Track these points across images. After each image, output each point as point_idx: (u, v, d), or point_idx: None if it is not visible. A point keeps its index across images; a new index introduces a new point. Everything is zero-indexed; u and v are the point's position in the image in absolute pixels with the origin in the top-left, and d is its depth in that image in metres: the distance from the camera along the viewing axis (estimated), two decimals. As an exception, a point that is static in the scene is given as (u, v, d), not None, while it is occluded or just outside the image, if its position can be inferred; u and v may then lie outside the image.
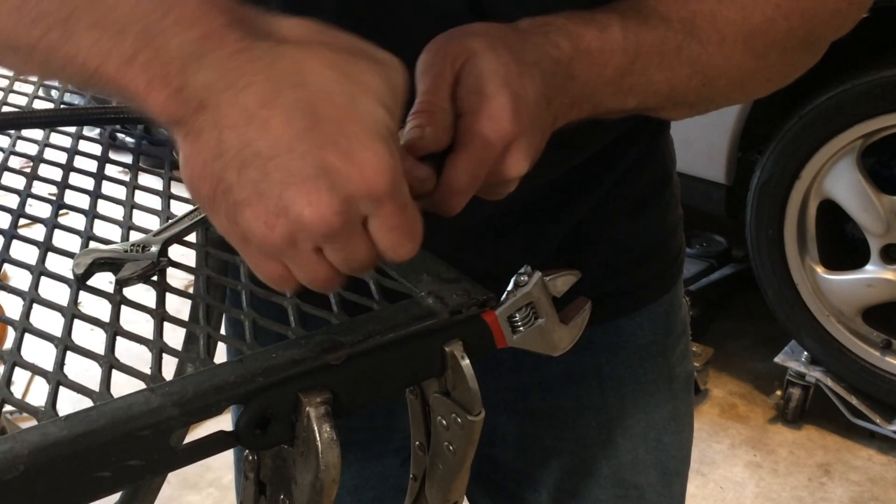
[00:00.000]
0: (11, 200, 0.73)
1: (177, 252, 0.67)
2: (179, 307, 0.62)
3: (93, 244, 0.67)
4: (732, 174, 2.38)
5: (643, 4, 0.64)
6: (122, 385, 0.50)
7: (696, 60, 0.64)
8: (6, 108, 0.90)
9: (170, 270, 0.64)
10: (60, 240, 0.68)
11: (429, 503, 0.61)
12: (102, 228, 0.71)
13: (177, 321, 0.60)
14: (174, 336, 0.58)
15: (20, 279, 0.65)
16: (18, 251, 0.66)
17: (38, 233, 0.69)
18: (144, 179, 0.78)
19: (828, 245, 2.29)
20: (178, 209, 0.72)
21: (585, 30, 0.61)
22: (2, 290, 0.64)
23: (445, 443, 0.57)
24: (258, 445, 0.50)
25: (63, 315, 0.58)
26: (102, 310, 0.60)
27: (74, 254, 0.65)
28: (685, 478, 0.96)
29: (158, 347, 0.55)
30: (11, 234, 0.67)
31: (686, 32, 0.63)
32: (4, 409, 0.50)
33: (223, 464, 2.32)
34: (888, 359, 2.25)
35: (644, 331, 0.88)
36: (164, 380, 0.50)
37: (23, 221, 0.70)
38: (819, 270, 2.29)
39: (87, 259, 0.63)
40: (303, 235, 0.45)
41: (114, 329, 0.57)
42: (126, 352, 0.54)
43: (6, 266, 0.65)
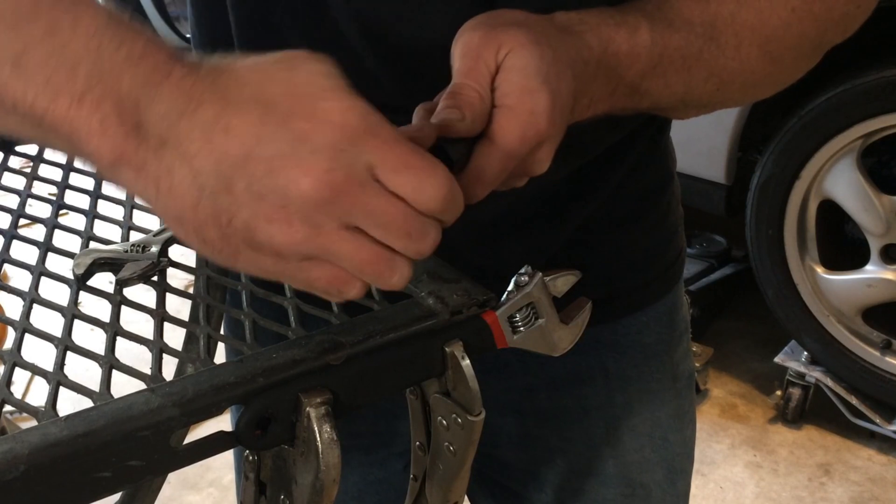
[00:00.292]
0: (11, 200, 0.73)
1: (177, 252, 0.67)
2: (179, 307, 0.62)
3: (93, 244, 0.67)
4: (732, 174, 2.38)
5: (666, 5, 0.64)
6: (122, 385, 0.50)
7: (714, 64, 0.64)
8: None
9: (170, 270, 0.64)
10: (60, 240, 0.68)
11: (429, 503, 0.61)
12: (102, 228, 0.70)
13: (177, 321, 0.60)
14: (174, 336, 0.58)
15: (20, 279, 0.65)
16: (18, 251, 0.66)
17: (38, 233, 0.69)
18: (144, 179, 0.78)
19: (828, 245, 2.29)
20: (178, 209, 0.72)
21: (616, 32, 0.61)
22: (2, 290, 0.64)
23: (445, 443, 0.57)
24: (258, 446, 0.50)
25: (63, 315, 0.58)
26: (102, 310, 0.60)
27: (74, 254, 0.65)
28: (689, 476, 0.96)
29: (158, 347, 0.55)
30: (11, 234, 0.67)
31: (706, 36, 0.64)
32: (4, 409, 0.50)
33: (223, 464, 2.33)
34: (888, 359, 2.25)
35: (649, 330, 0.88)
36: (164, 380, 0.50)
37: (23, 221, 0.70)
38: (819, 270, 2.29)
39: (87, 259, 0.63)
40: (318, 212, 0.44)
41: (114, 329, 0.57)
42: (126, 352, 0.54)
43: (6, 266, 0.65)
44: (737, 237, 2.62)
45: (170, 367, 0.59)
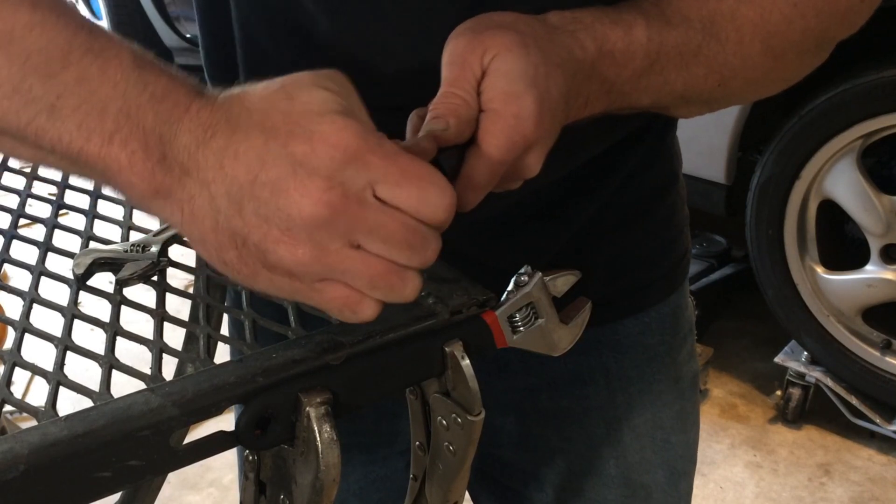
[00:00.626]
0: (11, 200, 0.73)
1: (177, 252, 0.67)
2: (179, 307, 0.62)
3: (93, 244, 0.67)
4: (732, 174, 2.38)
5: (665, 2, 0.64)
6: (122, 385, 0.50)
7: (714, 60, 0.64)
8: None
9: (170, 270, 0.64)
10: (60, 240, 0.68)
11: (429, 503, 0.61)
12: (102, 228, 0.70)
13: (177, 321, 0.60)
14: (174, 336, 0.58)
15: (20, 279, 0.65)
16: (18, 251, 0.66)
17: (38, 233, 0.69)
18: (144, 179, 0.78)
19: (828, 245, 2.29)
20: (178, 209, 0.72)
21: (612, 31, 0.60)
22: (2, 290, 0.64)
23: (445, 443, 0.57)
24: (258, 445, 0.50)
25: (63, 315, 0.58)
26: (102, 310, 0.60)
27: (74, 254, 0.65)
28: (691, 477, 0.96)
29: (158, 347, 0.55)
30: (11, 234, 0.67)
31: (706, 32, 0.63)
32: (4, 409, 0.50)
33: (223, 464, 2.33)
34: (888, 359, 2.25)
35: (652, 331, 0.88)
36: (164, 380, 0.50)
37: (23, 221, 0.70)
38: (819, 270, 2.29)
39: (87, 259, 0.63)
40: (321, 232, 0.45)
41: (114, 329, 0.57)
42: (126, 352, 0.54)
43: (6, 266, 0.65)
44: (737, 237, 2.62)
45: (170, 367, 0.59)
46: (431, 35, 0.59)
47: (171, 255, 0.66)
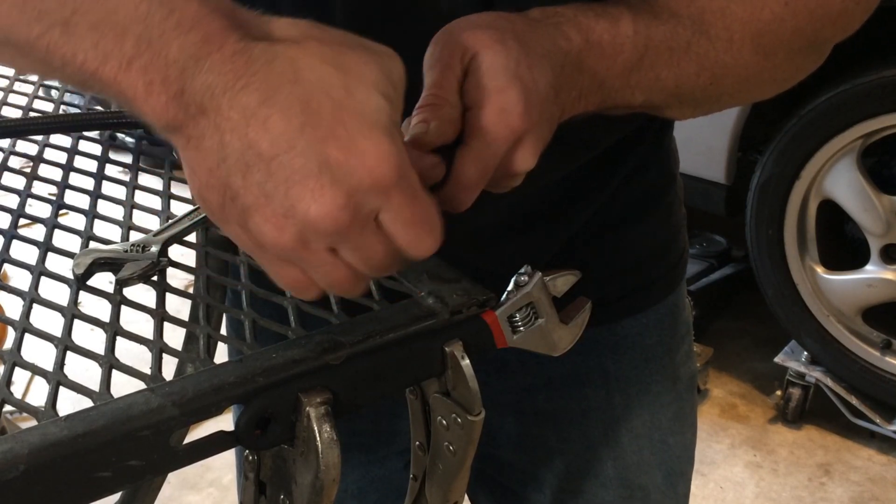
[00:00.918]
0: (11, 200, 0.73)
1: (177, 252, 0.67)
2: (179, 307, 0.62)
3: (93, 244, 0.67)
4: (732, 174, 2.38)
5: (653, 0, 0.63)
6: (122, 385, 0.50)
7: (705, 57, 0.64)
8: (6, 109, 0.90)
9: (170, 270, 0.64)
10: (60, 240, 0.68)
11: (429, 503, 0.61)
12: (102, 228, 0.70)
13: (177, 321, 0.60)
14: (174, 336, 0.58)
15: (20, 279, 0.65)
16: (18, 251, 0.66)
17: (38, 233, 0.69)
18: (144, 179, 0.78)
19: (828, 245, 2.29)
20: (178, 209, 0.72)
21: (596, 22, 0.60)
22: (2, 290, 0.64)
23: (445, 443, 0.57)
24: (258, 445, 0.50)
25: (63, 315, 0.58)
26: (102, 310, 0.60)
27: (74, 254, 0.65)
28: (689, 478, 0.96)
29: (158, 347, 0.55)
30: (11, 234, 0.67)
31: (695, 29, 0.63)
32: (4, 409, 0.50)
33: (223, 464, 2.33)
34: (888, 359, 2.25)
35: (649, 331, 0.88)
36: (164, 380, 0.50)
37: (23, 221, 0.70)
38: (819, 270, 2.29)
39: (87, 259, 0.63)
40: (313, 235, 0.45)
41: (114, 329, 0.57)
42: (126, 352, 0.54)
43: (6, 266, 0.65)
44: (737, 237, 2.62)
45: (170, 367, 0.59)
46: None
47: (171, 255, 0.66)
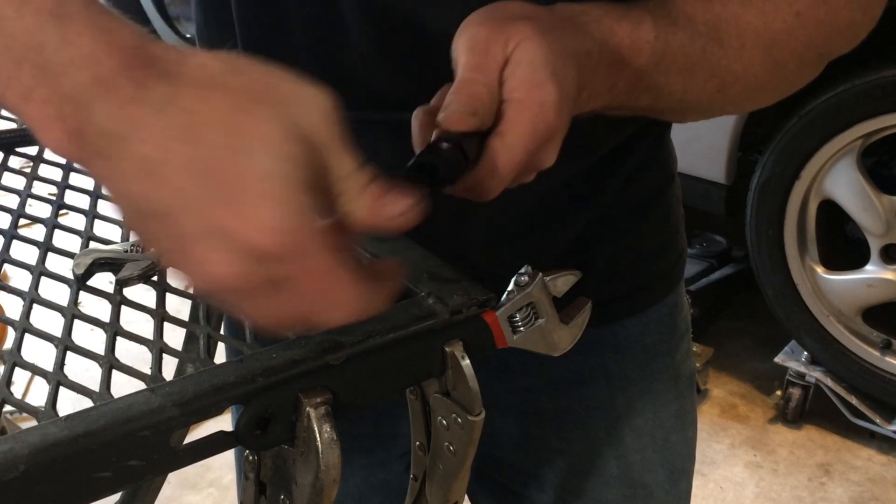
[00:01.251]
0: (11, 200, 0.73)
1: (177, 252, 0.67)
2: (179, 307, 0.62)
3: (93, 244, 0.67)
4: (732, 174, 2.38)
5: (670, 3, 0.63)
6: (122, 385, 0.50)
7: (716, 65, 0.64)
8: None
9: (170, 270, 0.64)
10: (60, 240, 0.68)
11: (429, 503, 0.61)
12: (102, 228, 0.70)
13: (177, 321, 0.60)
14: (174, 336, 0.58)
15: (20, 279, 0.65)
16: (18, 251, 0.66)
17: (38, 233, 0.69)
18: (144, 179, 0.78)
19: (828, 245, 2.30)
20: (178, 209, 0.72)
21: (619, 25, 0.60)
22: (2, 290, 0.64)
23: (446, 443, 0.57)
24: (258, 445, 0.50)
25: (63, 315, 0.58)
26: (102, 310, 0.60)
27: (74, 254, 0.65)
28: (691, 476, 0.96)
29: (158, 347, 0.55)
30: (11, 234, 0.67)
31: (709, 36, 0.63)
32: (4, 409, 0.50)
33: (223, 464, 2.33)
34: (888, 359, 2.25)
35: (650, 331, 0.88)
36: (164, 380, 0.50)
37: (23, 221, 0.70)
38: (819, 270, 2.29)
39: (87, 259, 0.63)
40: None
41: (114, 329, 0.57)
42: (126, 352, 0.54)
43: (6, 266, 0.65)
44: (737, 237, 2.62)
45: (170, 367, 0.59)
46: (452, 10, 0.59)
47: (171, 255, 0.66)
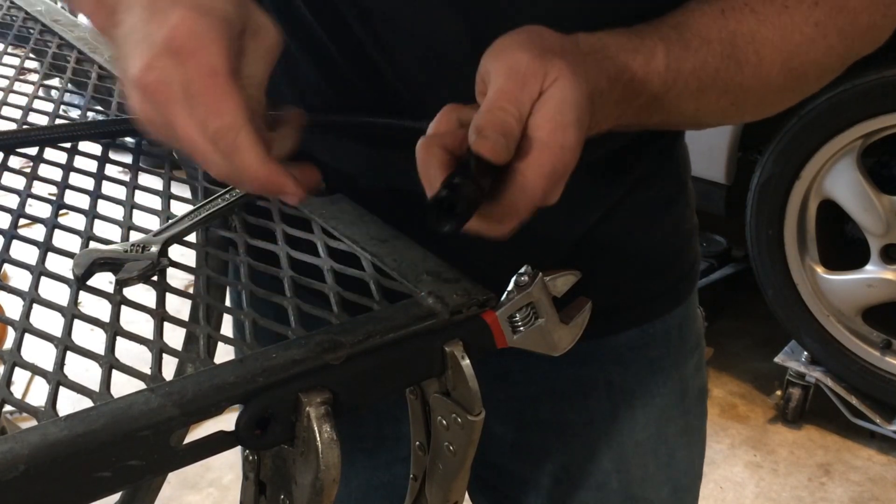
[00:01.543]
0: (11, 200, 0.73)
1: (177, 252, 0.67)
2: (179, 307, 0.62)
3: (93, 244, 0.67)
4: (732, 174, 2.38)
5: (684, 25, 0.62)
6: (122, 385, 0.50)
7: (731, 82, 0.63)
8: (6, 109, 0.90)
9: (170, 270, 0.64)
10: (60, 240, 0.67)
11: (429, 503, 0.61)
12: (102, 228, 0.70)
13: (177, 321, 0.60)
14: (174, 336, 0.58)
15: (20, 279, 0.65)
16: (18, 251, 0.66)
17: (38, 233, 0.69)
18: (144, 179, 0.78)
19: (828, 245, 2.30)
20: (178, 209, 0.72)
21: (633, 60, 0.60)
22: (2, 290, 0.64)
23: (445, 443, 0.57)
24: (258, 445, 0.50)
25: (63, 315, 0.58)
26: (102, 310, 0.60)
27: (74, 254, 0.65)
28: (696, 494, 0.94)
29: (158, 347, 0.55)
30: (11, 234, 0.67)
31: (724, 55, 0.62)
32: (4, 409, 0.50)
33: (223, 464, 2.33)
34: (888, 359, 2.25)
35: (655, 343, 0.86)
36: (164, 380, 0.50)
37: (23, 221, 0.70)
38: (819, 270, 2.29)
39: (87, 259, 0.63)
40: (142, 95, 0.52)
41: (114, 329, 0.57)
42: (126, 352, 0.54)
43: (6, 266, 0.65)
44: (737, 237, 2.62)
45: (170, 367, 0.59)
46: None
47: (171, 255, 0.66)
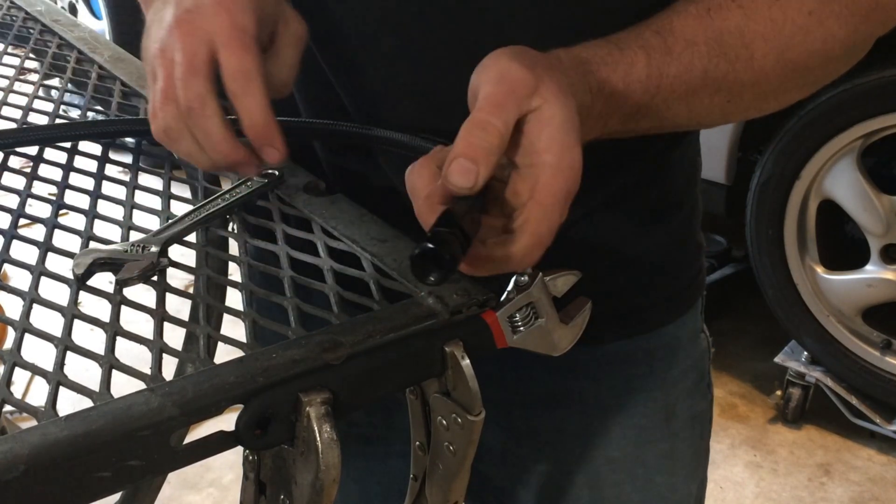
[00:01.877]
0: (11, 200, 0.73)
1: (177, 252, 0.67)
2: (179, 307, 0.62)
3: (93, 244, 0.67)
4: (732, 174, 2.38)
5: (667, 29, 0.62)
6: (122, 385, 0.50)
7: (722, 80, 0.62)
8: (6, 109, 0.90)
9: (170, 270, 0.64)
10: (60, 240, 0.67)
11: (429, 503, 0.61)
12: (102, 228, 0.70)
13: (177, 321, 0.60)
14: (174, 336, 0.58)
15: (20, 279, 0.65)
16: (18, 251, 0.66)
17: (38, 233, 0.69)
18: (144, 179, 0.78)
19: (828, 245, 2.29)
20: (178, 209, 0.72)
21: (613, 73, 0.59)
22: (2, 290, 0.64)
23: (445, 443, 0.57)
24: (258, 445, 0.50)
25: (63, 315, 0.58)
26: (102, 310, 0.60)
27: (74, 254, 0.65)
28: None
29: (158, 347, 0.55)
30: (11, 234, 0.67)
31: (712, 54, 0.61)
32: (4, 409, 0.50)
33: (223, 464, 2.33)
34: (888, 359, 2.25)
35: (637, 360, 0.83)
36: (164, 380, 0.50)
37: (23, 221, 0.70)
38: (819, 270, 2.29)
39: (87, 259, 0.63)
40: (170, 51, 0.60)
41: (114, 329, 0.57)
42: (126, 352, 0.54)
43: (6, 266, 0.65)
44: (737, 237, 2.62)
45: (170, 367, 0.59)
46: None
47: (171, 255, 0.66)
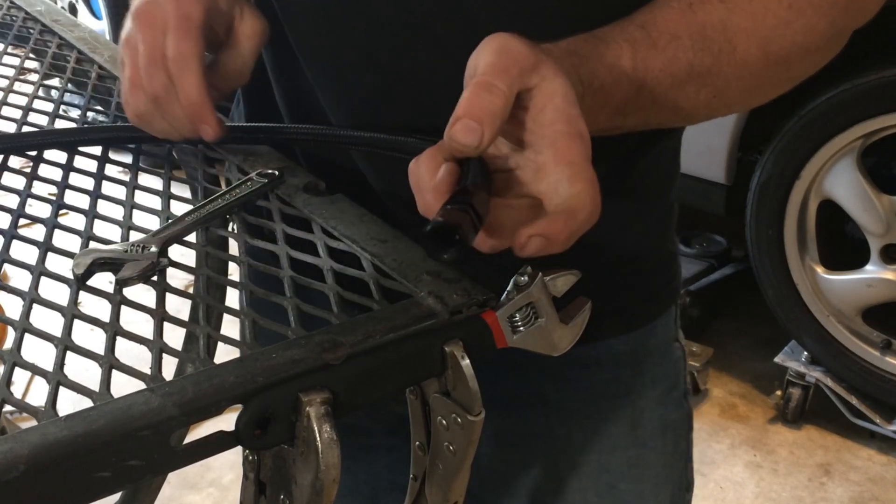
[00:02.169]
0: (11, 200, 0.73)
1: (177, 252, 0.67)
2: (179, 307, 0.62)
3: (93, 244, 0.67)
4: (732, 174, 2.38)
5: (651, 23, 0.62)
6: (122, 385, 0.50)
7: (706, 74, 0.63)
8: (6, 109, 0.90)
9: (170, 270, 0.64)
10: (60, 240, 0.67)
11: (429, 503, 0.61)
12: (102, 228, 0.70)
13: (177, 321, 0.60)
14: (174, 336, 0.58)
15: (20, 279, 0.65)
16: (18, 251, 0.66)
17: (38, 233, 0.69)
18: (144, 179, 0.78)
19: (828, 245, 2.29)
20: (178, 209, 0.72)
21: (601, 66, 0.60)
22: (2, 290, 0.64)
23: (445, 443, 0.57)
24: (258, 445, 0.50)
25: (63, 315, 0.58)
26: (102, 310, 0.60)
27: (74, 254, 0.65)
28: None
29: (158, 347, 0.55)
30: (11, 234, 0.67)
31: (696, 48, 0.62)
32: (4, 409, 0.50)
33: (223, 464, 2.33)
34: (888, 359, 2.25)
35: (601, 367, 0.83)
36: (164, 380, 0.50)
37: (23, 221, 0.70)
38: (819, 270, 2.29)
39: (87, 259, 0.63)
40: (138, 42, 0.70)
41: (114, 329, 0.57)
42: (126, 352, 0.54)
43: (6, 266, 0.65)
44: (737, 237, 2.62)
45: (170, 367, 0.59)
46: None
47: (171, 255, 0.66)
